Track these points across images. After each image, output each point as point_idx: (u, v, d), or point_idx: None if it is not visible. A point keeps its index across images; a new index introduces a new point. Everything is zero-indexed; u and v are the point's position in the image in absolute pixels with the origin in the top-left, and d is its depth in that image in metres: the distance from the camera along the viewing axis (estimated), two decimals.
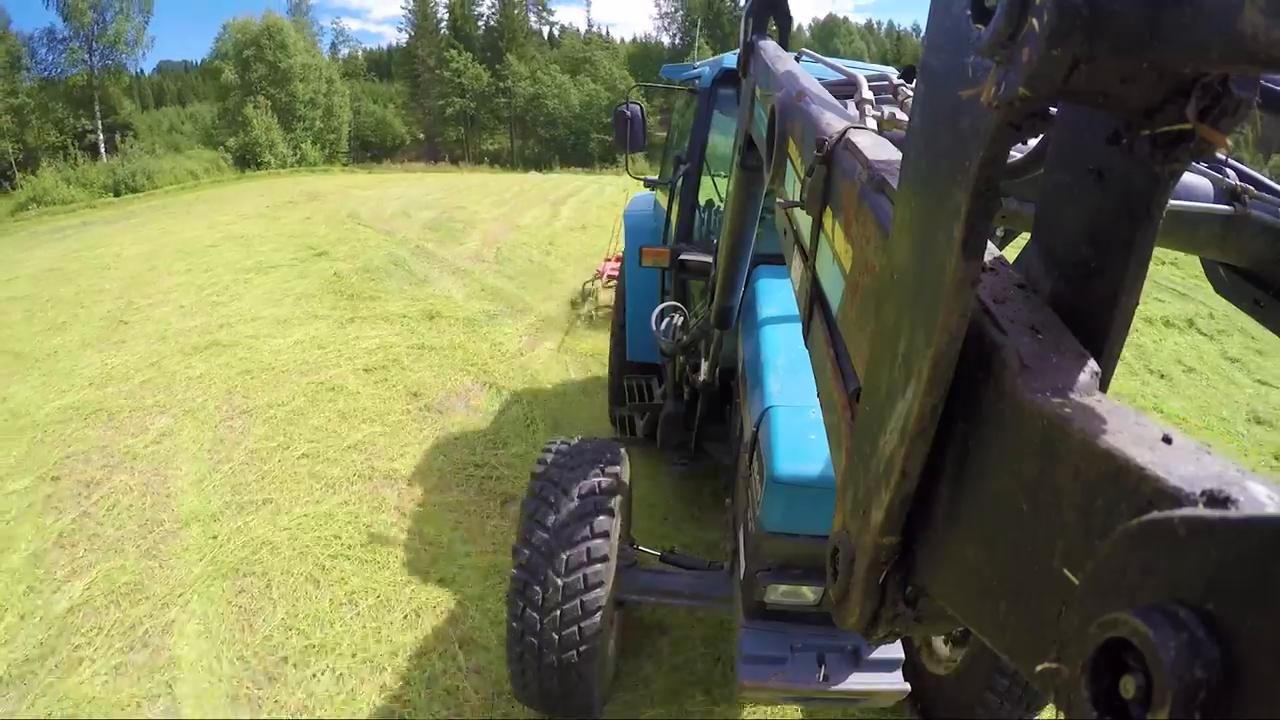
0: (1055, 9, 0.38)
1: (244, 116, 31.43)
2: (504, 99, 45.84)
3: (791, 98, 1.15)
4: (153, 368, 6.59)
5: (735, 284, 2.60)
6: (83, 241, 14.57)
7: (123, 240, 14.14)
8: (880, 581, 0.63)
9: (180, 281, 9.96)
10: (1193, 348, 7.75)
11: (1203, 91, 0.43)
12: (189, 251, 12.26)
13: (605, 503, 2.50)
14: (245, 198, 20.29)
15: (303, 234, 13.32)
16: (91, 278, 10.65)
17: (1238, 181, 1.24)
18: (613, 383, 4.90)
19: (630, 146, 3.95)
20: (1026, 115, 0.45)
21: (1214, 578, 0.31)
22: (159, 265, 11.21)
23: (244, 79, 33.33)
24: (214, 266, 10.80)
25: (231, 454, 5.00)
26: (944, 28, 0.51)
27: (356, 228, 13.73)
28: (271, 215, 16.16)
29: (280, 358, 6.67)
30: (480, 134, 47.24)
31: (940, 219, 0.51)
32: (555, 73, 45.90)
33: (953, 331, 0.51)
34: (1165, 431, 0.40)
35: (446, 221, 14.08)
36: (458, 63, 44.79)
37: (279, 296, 8.89)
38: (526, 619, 2.41)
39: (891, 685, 2.15)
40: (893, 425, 0.58)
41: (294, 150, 33.75)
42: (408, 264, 10.38)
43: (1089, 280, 0.56)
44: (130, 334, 7.66)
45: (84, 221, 18.42)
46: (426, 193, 19.24)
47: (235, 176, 28.49)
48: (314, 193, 20.10)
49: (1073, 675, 0.37)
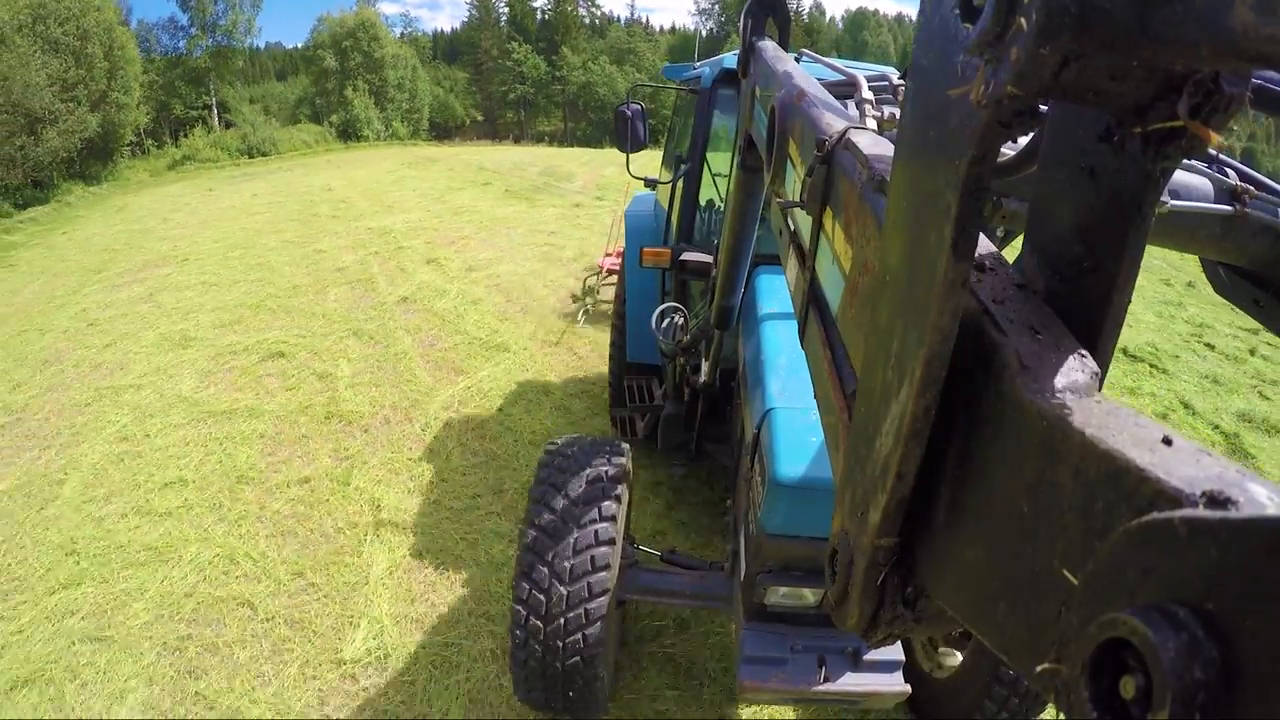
0: (1044, 7, 0.38)
1: (345, 97, 37.90)
2: (559, 86, 52.94)
3: (791, 98, 1.15)
4: (434, 218, 13.20)
5: (735, 284, 2.59)
6: (280, 181, 19.76)
7: (312, 180, 19.27)
8: (879, 583, 0.63)
9: (405, 192, 16.37)
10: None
11: (1194, 89, 0.43)
12: (385, 182, 18.12)
13: (609, 509, 2.50)
14: (373, 160, 25.44)
15: (457, 175, 19.22)
16: (329, 195, 16.32)
17: (1238, 181, 1.24)
18: (613, 383, 4.90)
19: (631, 146, 3.95)
20: (1016, 113, 0.44)
21: (1214, 578, 0.30)
22: (373, 189, 17.10)
23: (343, 65, 39.42)
24: (417, 187, 17.07)
25: (498, 243, 10.96)
26: (933, 26, 0.51)
27: (491, 174, 19.26)
28: (415, 167, 21.88)
29: (501, 219, 13.03)
30: (537, 116, 54.45)
31: (931, 219, 0.51)
32: (604, 63, 53.11)
33: (944, 332, 0.51)
34: (1165, 433, 0.40)
35: (552, 171, 19.58)
36: (519, 54, 52.31)
37: (478, 199, 15.31)
38: (530, 626, 2.41)
39: (891, 687, 2.14)
40: (887, 426, 0.58)
41: (386, 126, 40.31)
42: (545, 189, 16.79)
43: (1081, 278, 0.56)
44: (399, 207, 14.42)
45: (246, 173, 23.40)
46: (520, 157, 25.33)
47: (342, 147, 34.23)
48: (428, 157, 25.81)
49: (1072, 675, 0.37)
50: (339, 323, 7.40)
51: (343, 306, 7.94)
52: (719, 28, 58.40)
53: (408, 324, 7.30)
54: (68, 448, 5.08)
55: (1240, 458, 5.50)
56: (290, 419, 5.37)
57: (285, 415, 5.41)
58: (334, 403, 5.59)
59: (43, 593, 3.65)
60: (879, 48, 59.18)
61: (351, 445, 4.99)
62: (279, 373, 6.23)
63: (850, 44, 60.30)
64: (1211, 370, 7.41)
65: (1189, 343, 8.33)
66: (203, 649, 3.28)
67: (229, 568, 3.79)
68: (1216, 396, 6.71)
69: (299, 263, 9.95)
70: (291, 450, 4.96)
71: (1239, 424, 6.15)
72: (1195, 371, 7.30)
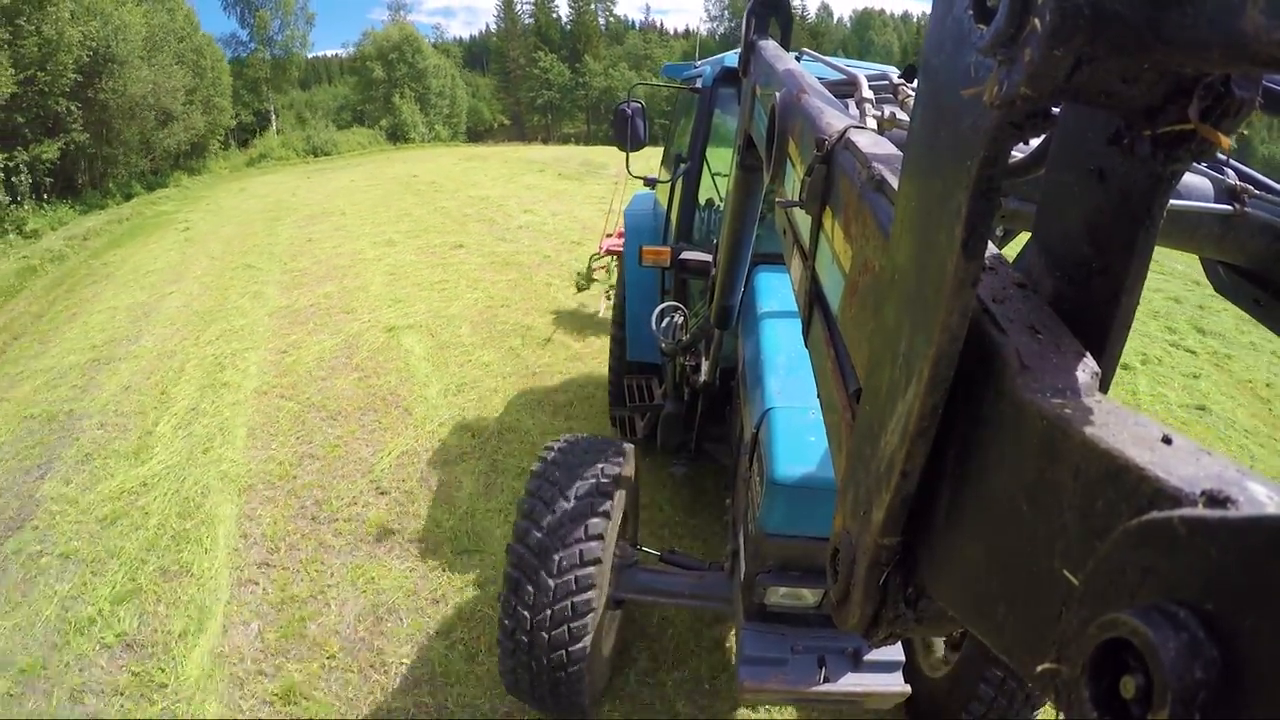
0: (1057, 9, 0.38)
1: (393, 104, 42.45)
2: (582, 91, 58.55)
3: (791, 97, 1.15)
4: (514, 190, 17.21)
5: (735, 284, 2.59)
6: (363, 171, 23.34)
7: (394, 170, 22.81)
8: (881, 583, 0.63)
9: (479, 176, 20.16)
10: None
11: (1204, 92, 0.43)
12: (455, 171, 21.79)
13: (601, 505, 2.50)
14: (430, 157, 28.64)
15: (512, 165, 22.99)
16: (418, 179, 19.69)
17: (1237, 181, 1.24)
18: (613, 383, 4.89)
19: (631, 145, 3.94)
20: (1028, 115, 0.45)
21: (1214, 578, 0.30)
22: (451, 175, 20.76)
23: (390, 76, 44.03)
24: (486, 173, 20.88)
25: (567, 202, 15.49)
26: (946, 27, 0.51)
27: (540, 164, 22.81)
28: (472, 161, 25.37)
29: (563, 191, 17.15)
30: (562, 119, 59.77)
31: (941, 219, 0.51)
32: (624, 69, 58.36)
33: (953, 331, 0.51)
34: (1165, 432, 0.40)
35: (588, 162, 22.89)
36: (545, 62, 57.60)
37: (539, 180, 19.11)
38: (518, 617, 2.41)
39: (892, 687, 2.14)
40: (893, 425, 0.58)
41: (430, 129, 44.74)
42: (588, 174, 20.09)
43: (1089, 280, 0.56)
44: (483, 185, 18.20)
45: (321, 168, 26.83)
46: (557, 153, 28.53)
47: (393, 148, 37.83)
48: (479, 154, 29.30)
49: (1072, 675, 0.37)
50: (486, 236, 12.06)
51: (482, 228, 12.77)
52: (729, 31, 61.31)
53: (529, 234, 12.21)
54: (356, 277, 9.63)
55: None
56: (484, 266, 10.14)
57: (481, 265, 10.21)
58: (508, 264, 10.19)
59: (375, 297, 8.72)
60: (884, 47, 60.18)
61: (517, 278, 9.45)
62: (463, 253, 10.91)
63: (856, 44, 60.76)
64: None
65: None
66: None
67: (469, 290, 8.96)
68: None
69: (434, 214, 14.25)
70: (490, 273, 9.77)
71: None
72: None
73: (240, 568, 3.94)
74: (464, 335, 7.26)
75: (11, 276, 11.16)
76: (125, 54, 19.84)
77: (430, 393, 5.95)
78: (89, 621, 3.59)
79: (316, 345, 7.08)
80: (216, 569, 3.92)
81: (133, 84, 20.35)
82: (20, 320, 9.07)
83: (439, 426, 5.38)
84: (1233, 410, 6.51)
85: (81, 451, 5.21)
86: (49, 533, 4.30)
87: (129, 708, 3.12)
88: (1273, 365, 7.76)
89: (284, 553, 4.04)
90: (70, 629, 3.55)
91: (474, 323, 7.65)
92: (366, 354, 6.82)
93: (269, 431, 5.40)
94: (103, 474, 4.90)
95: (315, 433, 5.36)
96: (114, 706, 3.14)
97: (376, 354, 6.82)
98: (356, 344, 7.08)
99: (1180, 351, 7.88)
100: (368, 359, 6.70)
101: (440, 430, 5.32)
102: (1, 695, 3.23)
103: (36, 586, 3.86)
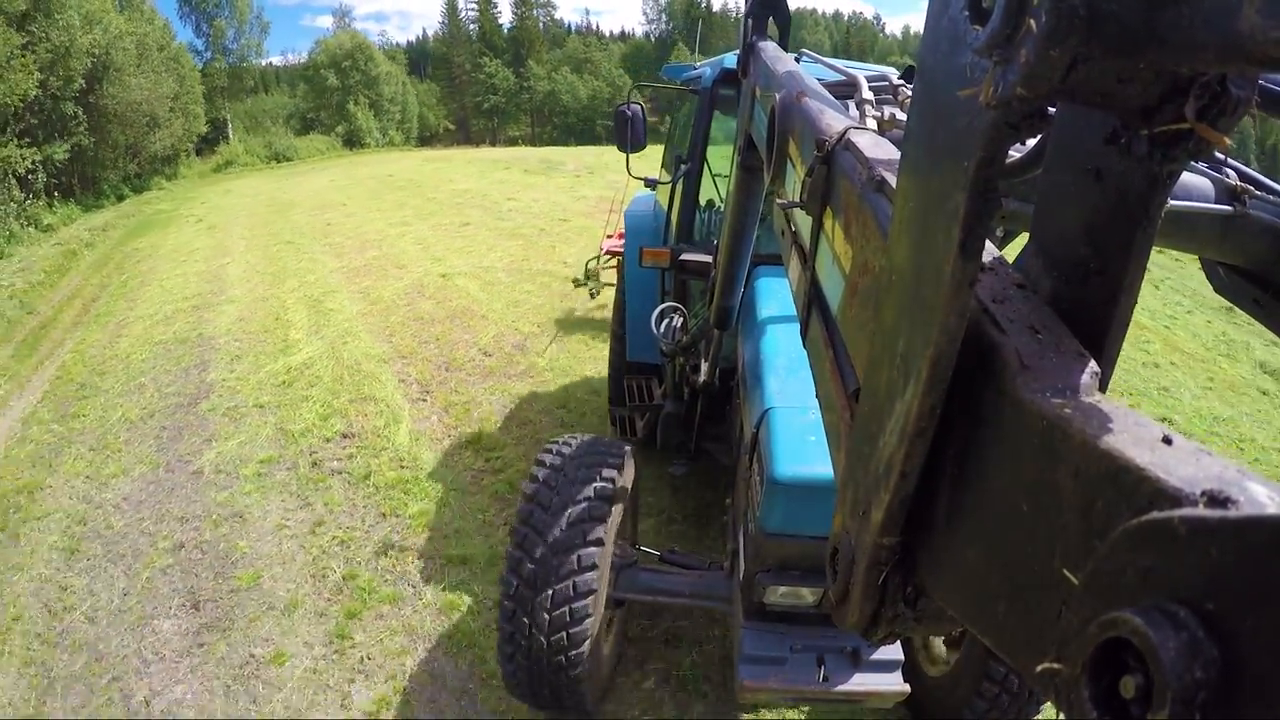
0: (1053, 10, 0.38)
1: (348, 111, 43.45)
2: (526, 95, 59.71)
3: (791, 98, 1.15)
4: (489, 185, 18.61)
5: (735, 284, 2.59)
6: (338, 172, 24.59)
7: (369, 171, 24.13)
8: (880, 582, 0.63)
9: (452, 174, 21.29)
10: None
11: (1201, 91, 0.43)
12: (427, 171, 22.76)
13: (600, 509, 2.49)
14: (392, 161, 30.18)
15: (476, 165, 24.05)
16: (394, 179, 20.69)
17: (1238, 181, 1.23)
18: (612, 382, 4.89)
19: (631, 146, 3.94)
20: (1024, 115, 0.45)
21: (1214, 578, 0.30)
22: (423, 174, 21.76)
23: (344, 83, 44.86)
24: (457, 171, 21.75)
25: (542, 192, 17.41)
26: (941, 28, 0.51)
27: (503, 163, 24.39)
28: (435, 163, 26.34)
29: (535, 184, 18.64)
30: (507, 123, 60.74)
31: (938, 219, 0.51)
32: (566, 73, 59.56)
33: (951, 332, 0.51)
34: (1165, 432, 0.40)
35: (546, 160, 24.16)
36: (490, 67, 58.58)
37: (509, 175, 20.49)
38: (517, 622, 2.41)
39: (891, 686, 2.14)
40: (892, 426, 0.58)
41: (384, 135, 46.12)
42: (550, 170, 21.38)
43: (1087, 280, 0.56)
44: (459, 181, 19.50)
45: (291, 171, 28.23)
46: (513, 154, 30.46)
47: (350, 153, 38.98)
48: (440, 157, 31.12)
49: (1072, 675, 0.37)
50: (486, 217, 13.88)
51: (479, 212, 14.47)
52: (665, 34, 64.45)
53: (520, 215, 13.98)
54: (391, 246, 11.50)
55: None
56: (494, 236, 12.08)
57: (492, 235, 12.10)
58: (514, 235, 12.08)
59: (415, 257, 10.80)
60: (815, 45, 60.48)
61: (526, 243, 11.36)
62: (472, 228, 12.80)
63: (794, 43, 61.06)
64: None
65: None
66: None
67: (489, 251, 11.00)
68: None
69: (429, 203, 15.73)
70: (502, 240, 11.76)
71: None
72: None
73: (408, 395, 5.91)
74: (502, 278, 9.50)
75: (58, 258, 12.35)
76: (122, 61, 21.27)
77: (495, 306, 8.22)
78: (304, 432, 5.22)
79: (389, 287, 9.09)
80: (392, 396, 5.85)
81: (131, 90, 21.78)
82: (87, 289, 10.36)
83: (511, 322, 7.68)
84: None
85: (230, 354, 6.86)
86: (235, 396, 5.86)
87: (365, 460, 4.79)
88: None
89: (435, 387, 6.08)
90: (288, 439, 5.13)
91: (507, 269, 9.95)
92: (433, 290, 8.95)
93: (386, 332, 7.47)
94: (260, 364, 6.56)
95: (422, 330, 7.52)
96: (354, 461, 4.80)
97: (440, 290, 8.98)
98: (421, 285, 9.19)
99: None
100: (436, 292, 8.85)
101: (514, 324, 7.62)
102: (253, 475, 4.62)
103: (244, 422, 5.41)
